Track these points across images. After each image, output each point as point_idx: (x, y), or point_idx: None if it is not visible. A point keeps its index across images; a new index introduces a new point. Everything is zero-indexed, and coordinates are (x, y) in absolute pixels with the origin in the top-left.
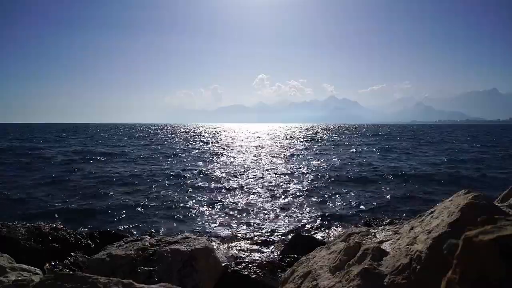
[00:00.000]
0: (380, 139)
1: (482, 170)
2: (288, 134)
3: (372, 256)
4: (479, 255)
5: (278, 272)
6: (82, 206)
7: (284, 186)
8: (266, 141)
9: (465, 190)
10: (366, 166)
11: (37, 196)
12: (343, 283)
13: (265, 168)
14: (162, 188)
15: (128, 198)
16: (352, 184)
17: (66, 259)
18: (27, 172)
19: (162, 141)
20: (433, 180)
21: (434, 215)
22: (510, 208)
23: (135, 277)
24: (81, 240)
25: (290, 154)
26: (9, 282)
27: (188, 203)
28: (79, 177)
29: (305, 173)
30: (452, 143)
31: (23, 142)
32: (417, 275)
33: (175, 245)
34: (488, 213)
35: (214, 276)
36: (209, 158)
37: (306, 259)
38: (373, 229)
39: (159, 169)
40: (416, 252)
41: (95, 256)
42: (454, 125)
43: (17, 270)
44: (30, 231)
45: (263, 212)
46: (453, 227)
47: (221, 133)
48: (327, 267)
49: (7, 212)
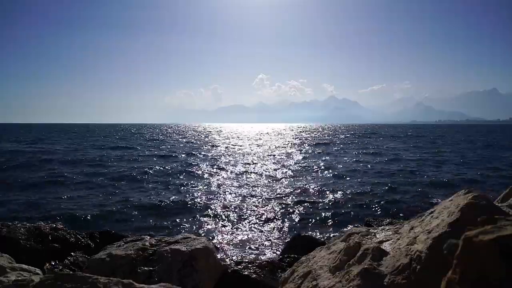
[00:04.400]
0: (384, 140)
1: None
2: (288, 135)
3: (372, 256)
4: (479, 255)
5: (278, 272)
6: (82, 206)
7: (284, 186)
8: (265, 142)
9: (465, 190)
10: (366, 166)
11: (39, 196)
12: (343, 283)
13: (265, 169)
14: (162, 188)
15: (128, 198)
16: (352, 184)
17: (66, 259)
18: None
19: (165, 141)
20: (433, 181)
21: (434, 215)
22: (510, 208)
23: (135, 277)
24: (81, 240)
25: (290, 155)
26: (9, 282)
27: (188, 203)
28: (80, 177)
29: (305, 173)
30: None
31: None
32: (417, 275)
33: (175, 245)
34: (488, 213)
35: (214, 276)
36: (209, 158)
37: (306, 259)
38: (373, 229)
39: (159, 169)
40: (416, 252)
41: (95, 256)
42: (455, 125)
43: (17, 270)
44: (30, 231)
45: (263, 213)
46: (453, 227)
47: (222, 133)
48: (327, 267)
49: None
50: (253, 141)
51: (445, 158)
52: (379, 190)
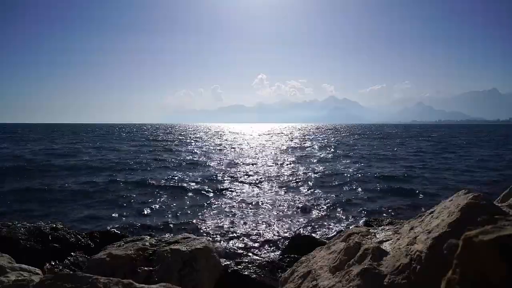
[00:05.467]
0: (382, 140)
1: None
2: (289, 135)
3: (372, 256)
4: (479, 255)
5: (278, 272)
6: (82, 205)
7: (284, 186)
8: (265, 143)
9: (465, 190)
10: (366, 167)
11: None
12: (343, 283)
13: (265, 169)
14: (162, 188)
15: (128, 198)
16: (353, 184)
17: (66, 259)
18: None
19: (167, 141)
20: (434, 180)
21: (434, 215)
22: (510, 208)
23: (135, 277)
24: (81, 240)
25: (290, 155)
26: (9, 282)
27: (188, 203)
28: (82, 177)
29: (305, 174)
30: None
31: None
32: (417, 275)
33: (175, 245)
34: (488, 213)
35: (214, 276)
36: (209, 158)
37: (306, 259)
38: (373, 229)
39: (159, 170)
40: (416, 252)
41: (95, 256)
42: (455, 125)
43: (17, 270)
44: (30, 231)
45: (263, 213)
46: (453, 227)
47: (223, 133)
48: (327, 267)
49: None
50: (252, 141)
51: (447, 158)
52: (379, 190)
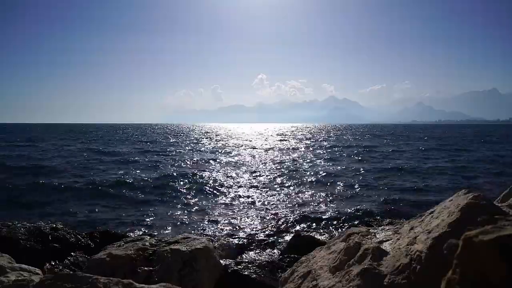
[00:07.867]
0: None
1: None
2: (289, 135)
3: (372, 256)
4: (479, 255)
5: (278, 272)
6: (82, 205)
7: (284, 187)
8: (265, 143)
9: (465, 190)
10: (366, 167)
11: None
12: (343, 283)
13: (265, 169)
14: (162, 188)
15: (129, 198)
16: (353, 184)
17: (66, 259)
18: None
19: (168, 142)
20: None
21: (434, 215)
22: (510, 208)
23: (135, 277)
24: (81, 240)
25: (290, 155)
26: (9, 282)
27: (188, 203)
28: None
29: (305, 174)
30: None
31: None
32: (417, 275)
33: (175, 245)
34: (488, 213)
35: (214, 276)
36: (209, 158)
37: (306, 259)
38: (373, 229)
39: (159, 169)
40: (416, 252)
41: (95, 256)
42: (455, 125)
43: (17, 270)
44: (30, 231)
45: (263, 213)
46: (453, 227)
47: (223, 133)
48: (327, 267)
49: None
50: (253, 142)
51: (447, 158)
52: (380, 190)
